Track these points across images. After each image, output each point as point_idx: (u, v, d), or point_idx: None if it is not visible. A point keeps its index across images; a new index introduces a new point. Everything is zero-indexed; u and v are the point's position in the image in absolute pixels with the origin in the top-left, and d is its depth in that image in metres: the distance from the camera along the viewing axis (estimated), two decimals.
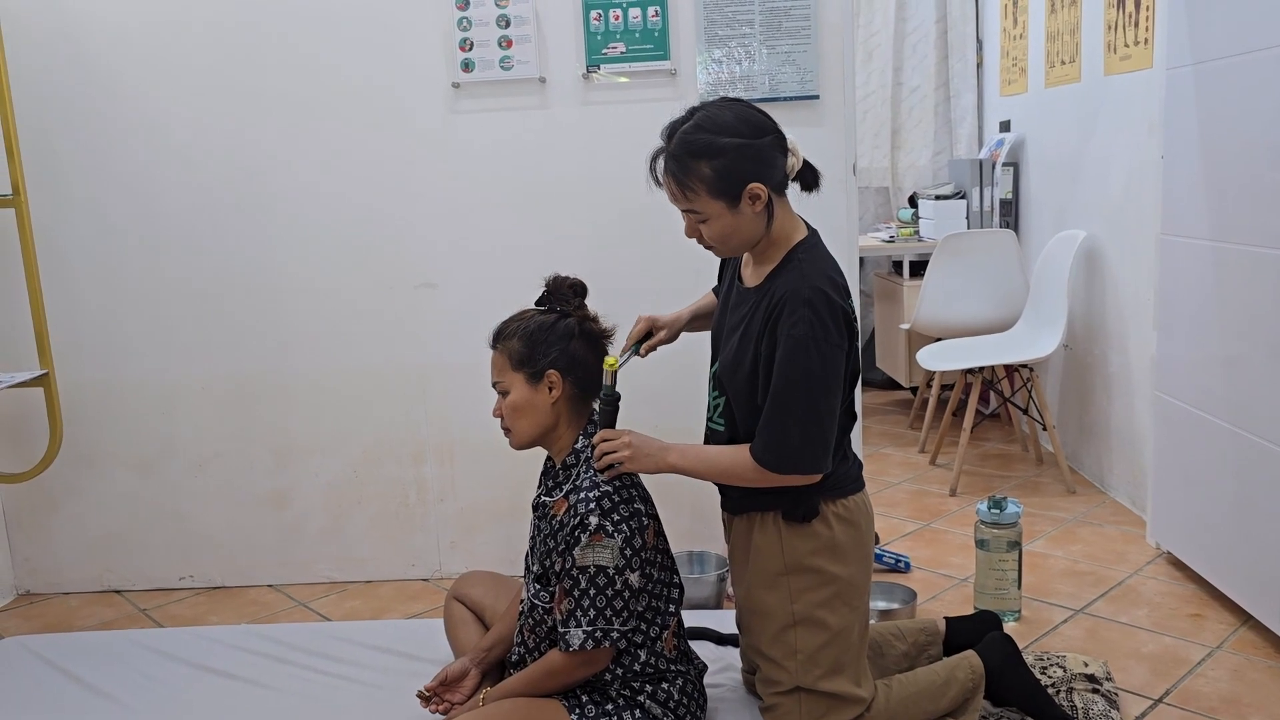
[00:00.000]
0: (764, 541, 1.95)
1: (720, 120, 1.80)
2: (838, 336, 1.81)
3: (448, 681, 2.09)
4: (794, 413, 1.81)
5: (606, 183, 2.88)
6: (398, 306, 2.98)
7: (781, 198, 1.89)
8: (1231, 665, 2.38)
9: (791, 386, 1.80)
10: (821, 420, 1.82)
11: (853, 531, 1.94)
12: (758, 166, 1.80)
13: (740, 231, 1.85)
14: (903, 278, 4.57)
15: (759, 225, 1.86)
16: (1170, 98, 2.80)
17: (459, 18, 2.82)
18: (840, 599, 1.93)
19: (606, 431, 1.95)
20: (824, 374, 1.80)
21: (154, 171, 2.95)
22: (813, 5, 2.75)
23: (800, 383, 1.79)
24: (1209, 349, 2.67)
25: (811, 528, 1.92)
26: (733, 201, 1.81)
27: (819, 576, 1.92)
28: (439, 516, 3.09)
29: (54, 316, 2.92)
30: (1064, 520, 3.36)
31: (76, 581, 3.17)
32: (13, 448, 3.08)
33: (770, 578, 1.95)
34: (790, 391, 1.80)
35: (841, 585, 1.93)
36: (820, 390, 1.81)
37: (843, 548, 1.93)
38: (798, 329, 1.78)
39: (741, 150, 1.79)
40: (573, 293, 2.03)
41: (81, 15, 2.88)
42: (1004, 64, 4.60)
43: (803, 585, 1.93)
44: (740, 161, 1.79)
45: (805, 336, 1.78)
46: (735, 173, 1.79)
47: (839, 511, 1.93)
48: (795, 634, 1.93)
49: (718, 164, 1.78)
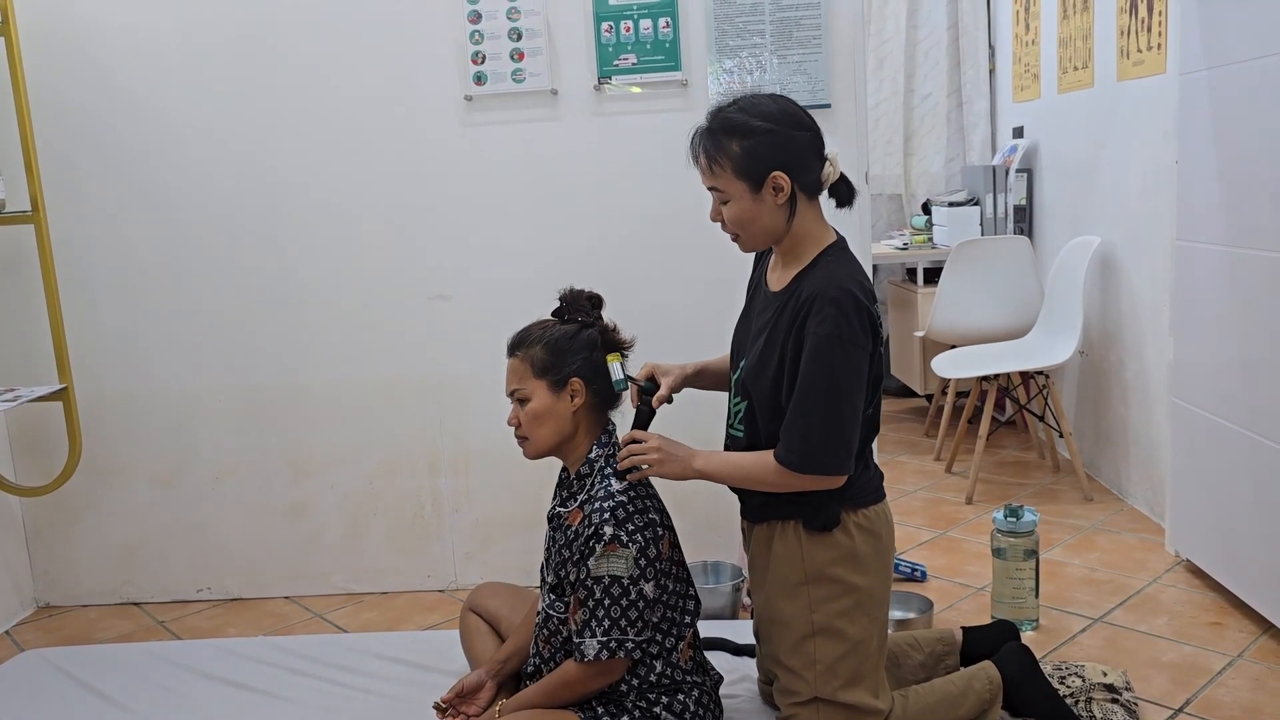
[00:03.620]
0: (784, 550, 1.94)
1: (760, 106, 1.84)
2: (863, 338, 1.81)
3: (464, 693, 2.10)
4: (817, 413, 1.80)
5: (619, 194, 2.89)
6: (413, 318, 2.99)
7: (811, 200, 1.89)
8: (1253, 674, 2.36)
9: (815, 386, 1.80)
10: (844, 421, 1.82)
11: (874, 542, 1.94)
12: (785, 156, 1.82)
13: (759, 219, 1.86)
14: (917, 285, 4.56)
15: (780, 218, 1.87)
16: (1184, 103, 2.79)
17: (471, 30, 2.84)
18: (860, 609, 1.92)
19: (636, 433, 1.95)
20: (848, 374, 1.80)
21: (171, 186, 2.98)
22: (823, 14, 2.75)
23: (824, 382, 1.79)
24: (1226, 355, 2.65)
25: (832, 537, 1.91)
26: (755, 185, 1.83)
27: (839, 586, 1.92)
28: (455, 528, 3.09)
29: (72, 331, 2.95)
30: (1081, 528, 3.34)
31: (95, 594, 3.18)
32: (32, 461, 3.10)
33: (790, 587, 1.94)
34: (814, 391, 1.80)
35: (862, 595, 1.92)
36: (845, 391, 1.80)
37: (863, 558, 1.92)
38: (823, 328, 1.78)
39: (772, 136, 1.81)
40: (590, 304, 2.04)
41: (99, 31, 2.91)
42: (1016, 70, 4.59)
43: (823, 595, 1.92)
44: (768, 147, 1.81)
45: (831, 335, 1.78)
46: (762, 156, 1.81)
47: (860, 521, 1.93)
48: (814, 644, 1.92)
49: (747, 144, 1.81)
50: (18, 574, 3.14)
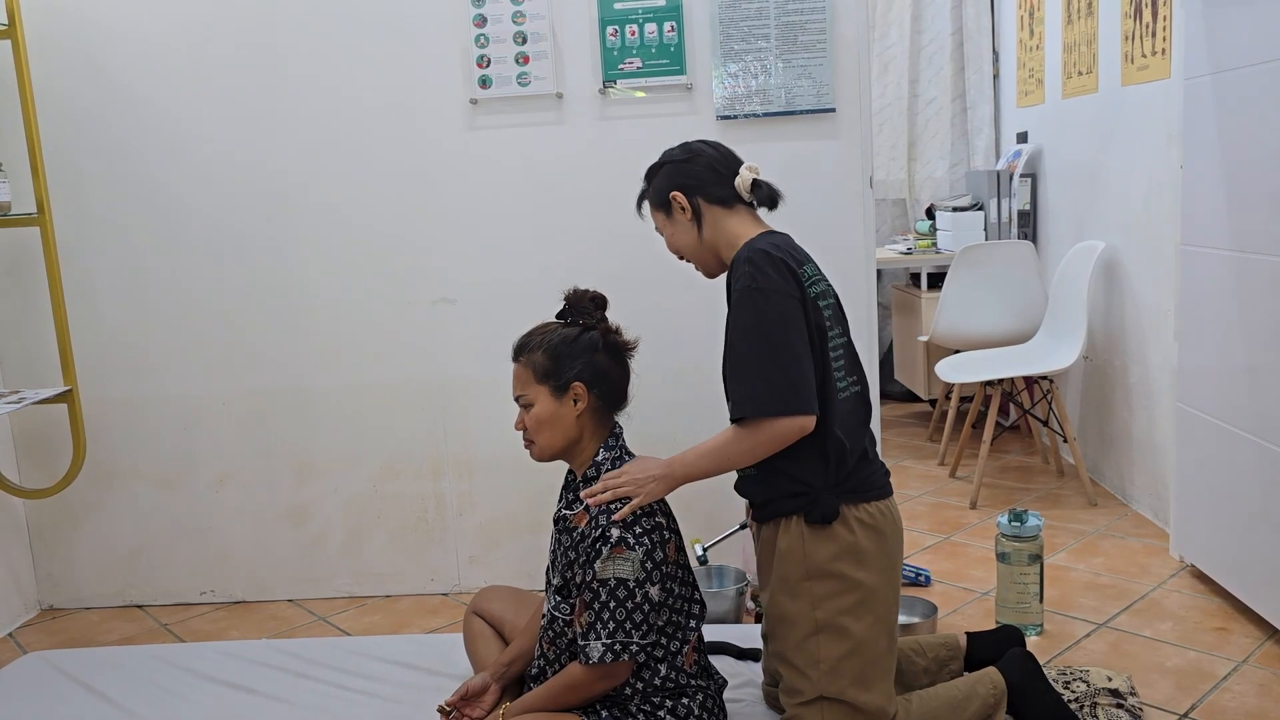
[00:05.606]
0: (787, 546, 1.95)
1: (668, 150, 2.11)
2: (783, 284, 1.87)
3: (468, 696, 2.09)
4: (751, 359, 1.86)
5: (624, 197, 2.85)
6: (416, 322, 2.99)
7: (729, 209, 2.02)
8: (1258, 680, 2.35)
9: (746, 335, 1.87)
10: (783, 364, 1.84)
11: (877, 538, 1.94)
12: (680, 179, 2.04)
13: (679, 236, 2.06)
14: (920, 290, 4.55)
15: (693, 232, 2.04)
16: (1189, 107, 2.79)
17: (476, 34, 2.84)
18: (864, 607, 1.92)
19: (604, 481, 1.94)
20: (774, 319, 1.86)
21: (176, 190, 2.98)
22: (828, 18, 2.76)
23: (752, 330, 1.86)
24: (1231, 359, 2.65)
25: (833, 531, 1.91)
26: (667, 210, 2.06)
27: (842, 582, 1.92)
28: (458, 531, 3.09)
29: (77, 334, 2.95)
30: (1086, 533, 3.33)
31: (98, 596, 3.19)
32: (36, 464, 3.11)
33: (793, 583, 1.94)
34: (746, 341, 1.87)
35: (865, 592, 1.92)
36: (776, 333, 1.85)
37: (866, 553, 1.92)
38: (740, 282, 1.89)
39: (667, 167, 2.06)
40: (594, 305, 2.04)
41: (106, 36, 2.92)
42: (1020, 75, 4.59)
43: (825, 591, 1.92)
44: (665, 177, 2.06)
45: (747, 288, 1.88)
46: (661, 187, 2.06)
47: (862, 517, 1.93)
48: (818, 642, 1.92)
49: (655, 181, 2.09)
50: (21, 576, 3.14)
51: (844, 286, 2.87)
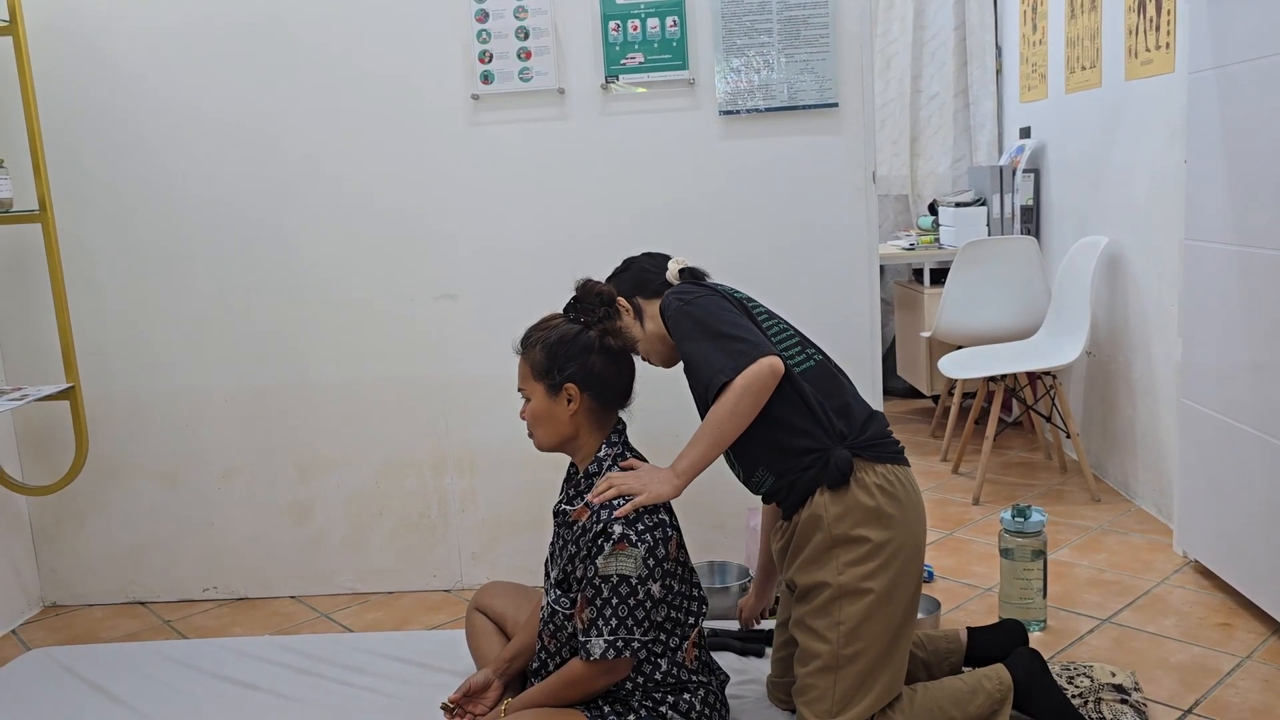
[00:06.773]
0: (810, 519, 1.97)
1: None
2: (703, 289, 2.06)
3: (471, 692, 2.09)
4: (701, 342, 1.95)
5: (626, 193, 2.88)
6: (419, 318, 2.99)
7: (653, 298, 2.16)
8: (1262, 675, 2.35)
9: (688, 337, 1.98)
10: (729, 333, 1.94)
11: (895, 503, 1.96)
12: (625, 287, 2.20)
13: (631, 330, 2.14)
14: (923, 285, 4.55)
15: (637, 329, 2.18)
16: (1193, 102, 2.78)
17: (478, 30, 2.84)
18: (885, 568, 1.93)
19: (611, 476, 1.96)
20: (708, 312, 1.98)
21: (178, 186, 2.98)
22: (831, 13, 2.75)
23: (692, 330, 1.97)
24: (1235, 355, 2.65)
25: (854, 497, 1.93)
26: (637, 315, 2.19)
27: (863, 546, 1.93)
28: (460, 527, 3.09)
29: (80, 330, 2.95)
30: (1089, 529, 3.33)
31: (102, 593, 3.19)
32: (39, 460, 3.11)
33: (819, 553, 1.96)
34: (689, 341, 1.97)
35: (888, 552, 1.93)
36: (710, 319, 1.96)
37: (886, 515, 1.94)
38: (670, 311, 2.04)
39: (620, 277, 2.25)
40: (599, 301, 2.04)
41: (107, 31, 2.91)
42: (1023, 70, 4.58)
43: (849, 557, 1.94)
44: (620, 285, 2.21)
45: (678, 309, 2.02)
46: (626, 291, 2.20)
47: (879, 481, 1.95)
48: (840, 606, 1.94)
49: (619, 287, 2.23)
50: (24, 573, 3.14)
51: (846, 282, 2.88)
